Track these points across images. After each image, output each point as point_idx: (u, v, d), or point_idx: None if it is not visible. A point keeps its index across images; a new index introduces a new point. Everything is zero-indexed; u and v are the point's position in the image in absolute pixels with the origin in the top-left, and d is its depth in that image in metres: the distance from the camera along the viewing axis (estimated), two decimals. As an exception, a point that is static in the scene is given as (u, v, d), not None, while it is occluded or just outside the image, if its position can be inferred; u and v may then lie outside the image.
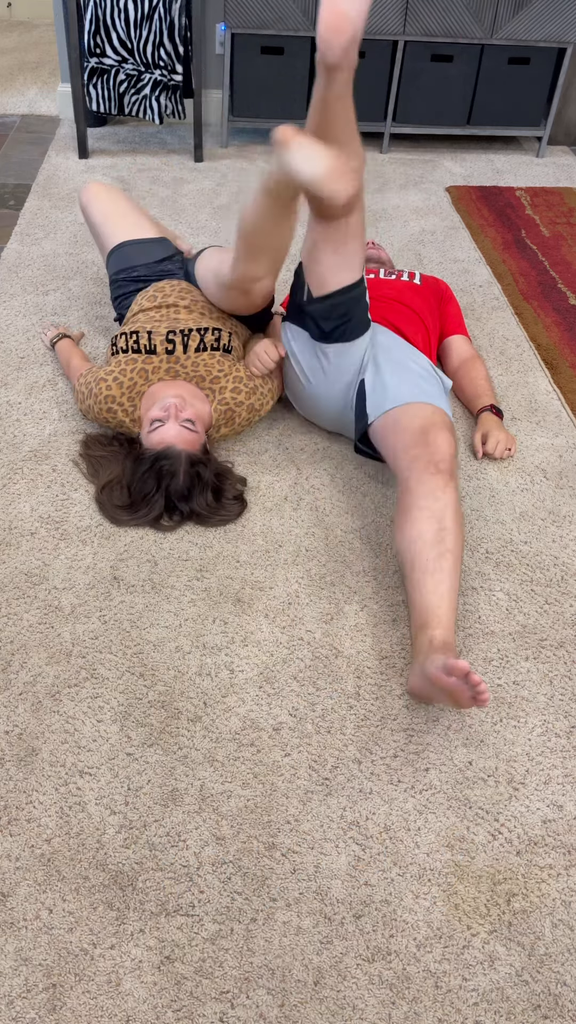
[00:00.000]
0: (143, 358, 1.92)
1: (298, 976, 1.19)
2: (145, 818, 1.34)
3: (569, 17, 3.40)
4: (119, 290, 2.20)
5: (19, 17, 5.38)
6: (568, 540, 1.89)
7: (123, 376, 1.91)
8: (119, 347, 1.97)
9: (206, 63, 3.72)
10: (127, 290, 2.18)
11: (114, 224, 2.25)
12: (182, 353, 1.93)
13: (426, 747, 1.47)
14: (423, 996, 1.18)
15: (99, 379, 1.93)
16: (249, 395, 1.95)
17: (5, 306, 2.54)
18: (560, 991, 1.19)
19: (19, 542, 1.79)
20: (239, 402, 1.93)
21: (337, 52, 1.52)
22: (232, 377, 1.93)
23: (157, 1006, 1.15)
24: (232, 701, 1.52)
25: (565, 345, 2.53)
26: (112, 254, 2.23)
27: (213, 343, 1.95)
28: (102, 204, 2.28)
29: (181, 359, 1.92)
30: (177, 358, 1.92)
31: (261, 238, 1.76)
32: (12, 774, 1.39)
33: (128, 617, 1.65)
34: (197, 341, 1.94)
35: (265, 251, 1.80)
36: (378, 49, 3.43)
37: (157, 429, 1.81)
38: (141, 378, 1.91)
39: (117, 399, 1.90)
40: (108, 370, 1.94)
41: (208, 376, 1.92)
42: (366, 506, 1.94)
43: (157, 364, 1.92)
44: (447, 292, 2.39)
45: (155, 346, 1.93)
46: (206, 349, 1.94)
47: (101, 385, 1.91)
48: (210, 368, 1.93)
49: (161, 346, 1.93)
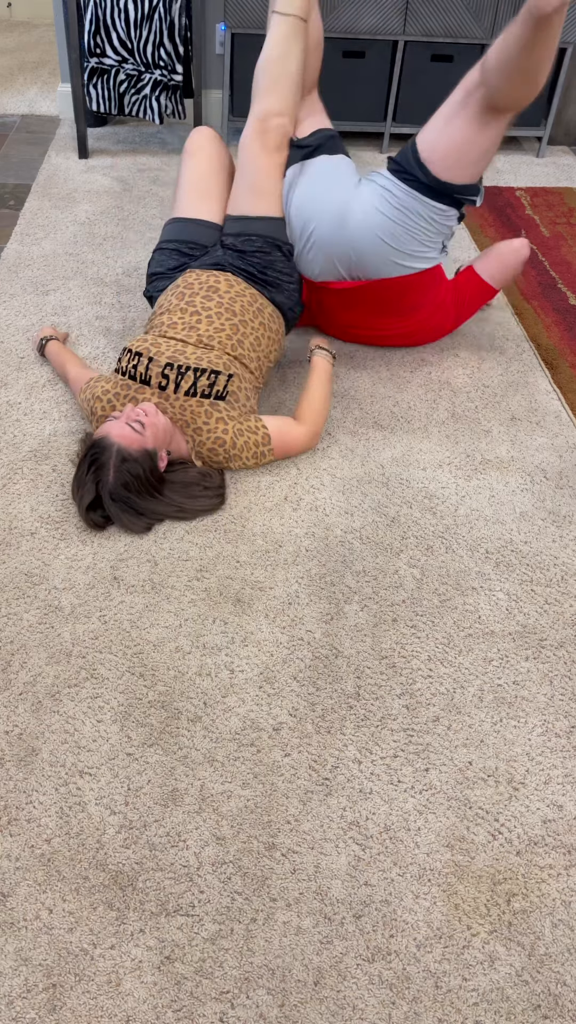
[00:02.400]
0: (136, 387, 1.91)
1: (298, 976, 1.19)
2: (145, 818, 1.34)
3: (569, 17, 3.40)
4: (158, 265, 2.21)
5: (19, 17, 5.38)
6: (568, 540, 1.89)
7: (116, 400, 1.93)
8: (121, 365, 1.95)
9: (206, 63, 3.72)
10: (162, 267, 2.19)
11: (189, 194, 2.25)
12: (172, 392, 1.88)
13: (426, 747, 1.47)
14: (423, 996, 1.18)
15: (95, 397, 1.95)
16: (227, 460, 1.92)
17: (5, 306, 2.54)
18: (560, 991, 1.19)
19: (19, 542, 1.79)
20: (216, 461, 1.93)
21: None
22: (214, 438, 1.88)
23: (157, 1006, 1.15)
24: (232, 701, 1.52)
25: (565, 345, 2.53)
26: (168, 223, 2.26)
27: (205, 388, 1.88)
28: (196, 164, 2.27)
29: (171, 398, 1.89)
30: (167, 396, 1.89)
31: (275, 66, 2.07)
32: (12, 774, 1.39)
33: (128, 617, 1.65)
34: (190, 383, 1.87)
35: (279, 81, 2.08)
36: (378, 49, 3.43)
37: (105, 422, 1.85)
38: (132, 405, 1.89)
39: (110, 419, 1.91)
40: (105, 389, 1.94)
41: (192, 424, 1.89)
42: (366, 506, 1.94)
43: (147, 396, 1.90)
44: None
45: (150, 377, 1.90)
46: (195, 395, 1.88)
47: (96, 405, 1.95)
48: (195, 416, 1.88)
49: (155, 379, 1.89)
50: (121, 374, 1.94)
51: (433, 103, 3.61)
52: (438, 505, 1.96)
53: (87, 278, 2.70)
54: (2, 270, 2.71)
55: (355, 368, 2.39)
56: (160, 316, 2.05)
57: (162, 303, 2.09)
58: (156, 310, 2.10)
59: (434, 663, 1.61)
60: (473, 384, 2.36)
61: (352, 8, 3.28)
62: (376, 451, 2.10)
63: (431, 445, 2.13)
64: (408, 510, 1.94)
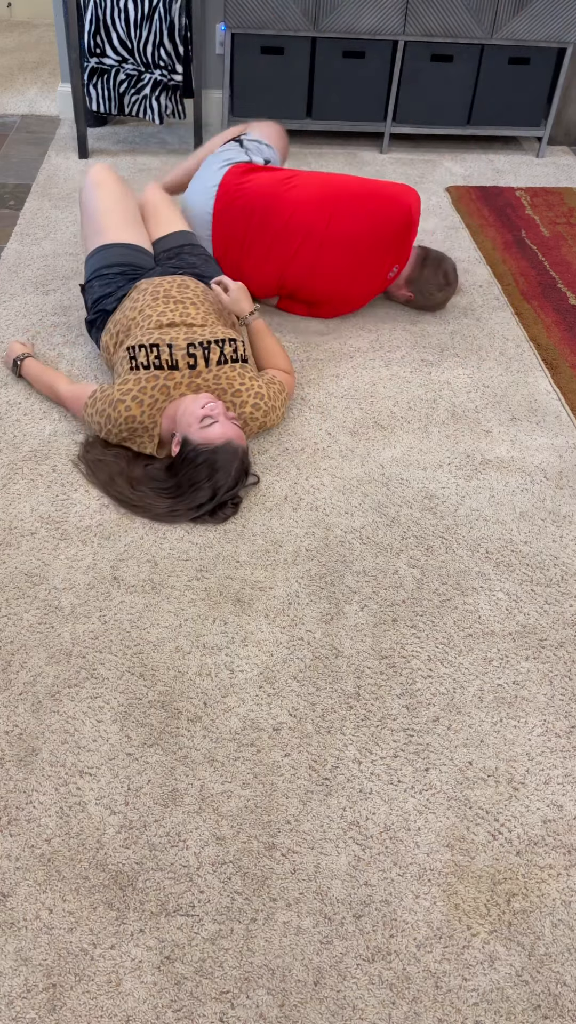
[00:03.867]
0: (165, 374, 1.92)
1: (298, 976, 1.19)
2: (145, 818, 1.34)
3: (569, 17, 3.40)
4: (105, 287, 2.19)
5: (19, 17, 5.38)
6: (568, 540, 1.89)
7: (143, 395, 1.89)
8: (139, 362, 1.94)
9: (206, 63, 3.72)
10: (112, 287, 2.18)
11: (114, 221, 2.27)
12: (204, 367, 1.94)
13: (426, 747, 1.47)
14: (423, 996, 1.18)
15: (115, 401, 1.90)
16: (266, 414, 2.01)
17: (5, 306, 2.54)
18: (560, 991, 1.19)
19: (19, 542, 1.79)
20: (255, 418, 1.99)
21: None
22: (253, 393, 1.98)
23: (157, 1006, 1.15)
24: (232, 701, 1.52)
25: (565, 345, 2.53)
26: (100, 250, 2.24)
27: (232, 355, 1.98)
28: (107, 193, 2.30)
29: (203, 373, 1.94)
30: (199, 372, 1.94)
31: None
32: (12, 774, 1.39)
33: (128, 617, 1.65)
34: (218, 354, 1.96)
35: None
36: (378, 49, 3.43)
37: (212, 425, 1.83)
38: (163, 395, 1.91)
39: (138, 419, 1.89)
40: (125, 389, 1.91)
41: (230, 389, 1.96)
42: (366, 506, 1.94)
43: (179, 380, 1.92)
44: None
45: (176, 361, 1.93)
46: (227, 362, 1.97)
47: (120, 407, 1.89)
48: (232, 381, 1.96)
49: (183, 361, 1.93)
50: (144, 369, 1.93)
51: (433, 103, 3.61)
52: (438, 505, 1.96)
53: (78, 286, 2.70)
54: (2, 270, 2.71)
55: (355, 368, 2.39)
56: (141, 314, 2.04)
57: (134, 306, 2.07)
58: (129, 314, 2.07)
59: (434, 663, 1.61)
60: (473, 384, 2.36)
61: (352, 8, 3.28)
62: (376, 451, 2.10)
63: (431, 445, 2.13)
64: (408, 510, 1.94)
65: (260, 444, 2.10)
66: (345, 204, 2.38)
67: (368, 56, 3.45)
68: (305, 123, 3.63)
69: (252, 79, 3.49)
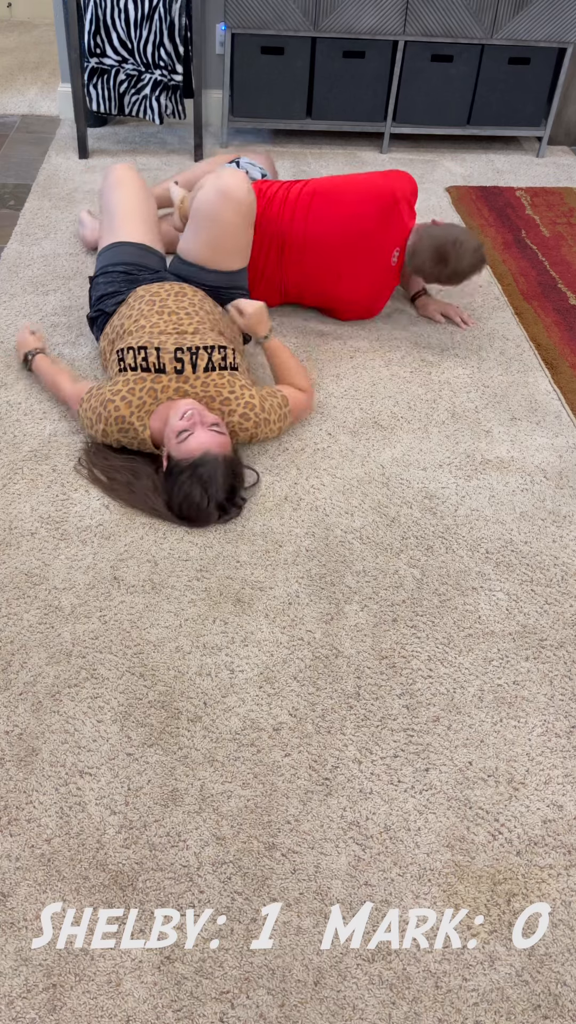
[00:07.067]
0: (152, 377, 1.91)
1: (298, 976, 1.19)
2: (145, 818, 1.34)
3: (569, 17, 3.40)
4: (108, 286, 2.20)
5: (19, 17, 5.38)
6: (568, 540, 1.89)
7: (131, 395, 1.89)
8: (127, 363, 1.94)
9: (206, 63, 3.72)
10: (113, 288, 2.18)
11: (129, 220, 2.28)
12: (191, 373, 1.92)
13: (426, 747, 1.47)
14: (423, 996, 1.18)
15: (106, 400, 1.90)
16: (256, 425, 1.96)
17: (5, 306, 2.54)
18: (560, 991, 1.19)
19: (19, 542, 1.79)
20: (244, 428, 1.95)
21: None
22: (243, 403, 1.94)
23: (157, 1006, 1.15)
24: (232, 701, 1.52)
25: (565, 345, 2.53)
26: (112, 247, 2.24)
27: (220, 362, 1.95)
28: (127, 193, 2.31)
29: (191, 379, 1.91)
30: (186, 377, 1.91)
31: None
32: (12, 774, 1.39)
33: (128, 617, 1.65)
34: (205, 360, 1.93)
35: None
36: (378, 49, 3.43)
37: (187, 439, 1.79)
38: (150, 397, 1.89)
39: (127, 419, 1.88)
40: (115, 389, 1.91)
41: (218, 397, 1.92)
42: (366, 506, 1.94)
43: (166, 383, 1.90)
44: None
45: (163, 364, 1.91)
46: (214, 369, 1.94)
47: (109, 407, 1.89)
48: (220, 389, 1.93)
49: (170, 365, 1.91)
50: (132, 371, 1.93)
51: (433, 103, 3.61)
52: (438, 505, 1.96)
53: (87, 278, 2.70)
54: (2, 270, 2.71)
55: (355, 368, 2.39)
56: (135, 323, 2.03)
57: (131, 313, 2.07)
58: (125, 323, 2.07)
59: (434, 663, 1.61)
60: (473, 384, 2.36)
61: (352, 8, 3.28)
62: (376, 451, 2.10)
63: (431, 445, 2.13)
64: (408, 510, 1.94)
65: (260, 444, 2.10)
66: (319, 204, 2.37)
67: (368, 56, 3.45)
68: (305, 123, 3.63)
69: (252, 79, 3.49)
